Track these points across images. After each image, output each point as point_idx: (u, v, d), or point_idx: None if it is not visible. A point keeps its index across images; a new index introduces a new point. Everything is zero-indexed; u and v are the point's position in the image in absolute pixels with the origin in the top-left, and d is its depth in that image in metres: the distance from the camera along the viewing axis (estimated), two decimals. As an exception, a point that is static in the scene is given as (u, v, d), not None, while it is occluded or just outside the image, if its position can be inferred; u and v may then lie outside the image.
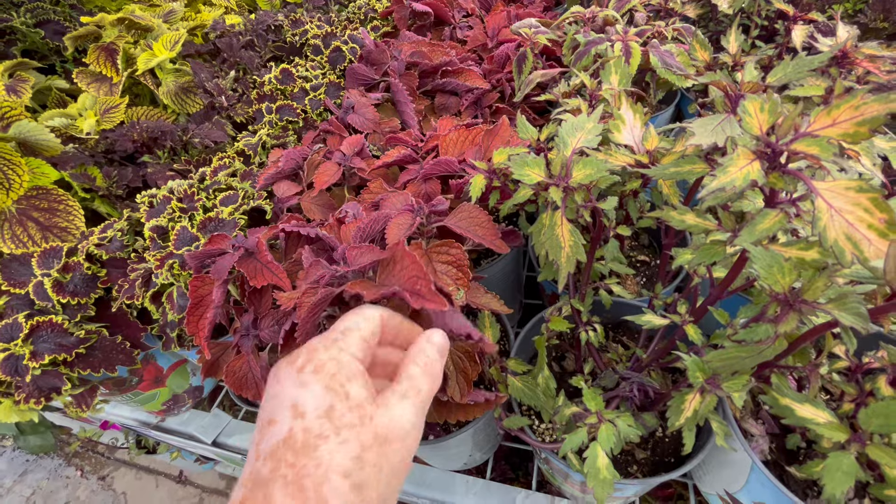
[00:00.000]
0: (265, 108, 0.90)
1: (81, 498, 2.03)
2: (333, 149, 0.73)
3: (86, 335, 0.63)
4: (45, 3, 0.99)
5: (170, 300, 0.62)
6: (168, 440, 0.93)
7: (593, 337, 0.49)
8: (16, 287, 0.62)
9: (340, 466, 0.23)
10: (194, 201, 0.66)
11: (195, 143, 0.84)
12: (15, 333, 0.59)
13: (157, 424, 0.89)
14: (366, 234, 0.45)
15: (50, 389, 0.62)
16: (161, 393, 0.83)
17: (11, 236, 0.64)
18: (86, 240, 0.67)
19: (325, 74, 0.98)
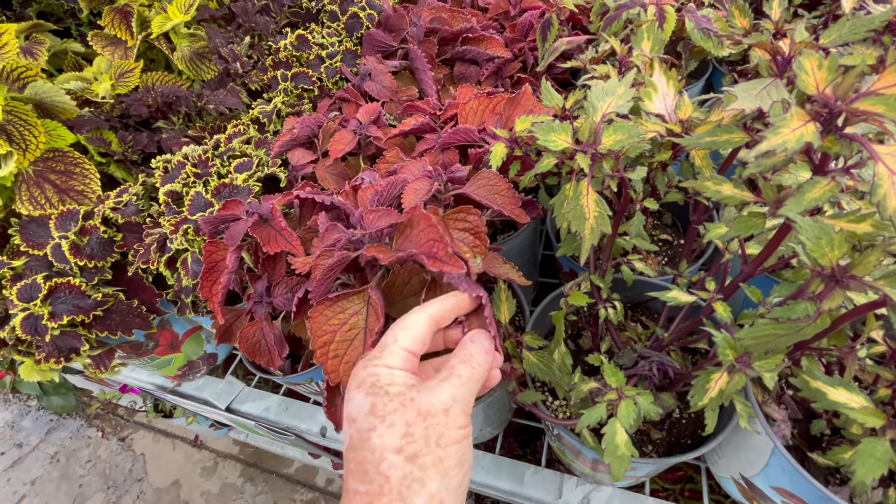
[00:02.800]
0: (280, 76, 0.89)
1: (103, 457, 2.12)
2: (349, 117, 0.71)
3: (103, 298, 0.64)
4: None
5: (184, 266, 0.62)
6: (184, 404, 0.95)
7: (612, 314, 0.47)
8: (34, 248, 0.63)
9: (392, 445, 0.27)
10: (209, 167, 0.65)
11: (210, 109, 0.82)
12: (34, 294, 0.60)
13: (173, 389, 0.91)
14: (383, 199, 0.44)
15: (69, 350, 0.63)
16: (177, 358, 0.85)
17: (29, 198, 0.64)
18: (102, 203, 0.67)
19: (342, 42, 0.95)
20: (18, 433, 2.30)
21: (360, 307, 0.41)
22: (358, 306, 0.41)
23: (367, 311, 0.41)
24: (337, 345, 0.39)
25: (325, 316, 0.40)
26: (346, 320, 0.40)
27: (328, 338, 0.39)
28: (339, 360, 0.38)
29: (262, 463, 1.91)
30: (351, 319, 0.40)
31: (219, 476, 1.92)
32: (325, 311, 0.40)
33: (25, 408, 2.41)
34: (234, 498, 1.84)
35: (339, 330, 0.39)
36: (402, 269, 0.44)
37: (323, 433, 0.78)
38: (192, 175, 0.62)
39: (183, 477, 1.95)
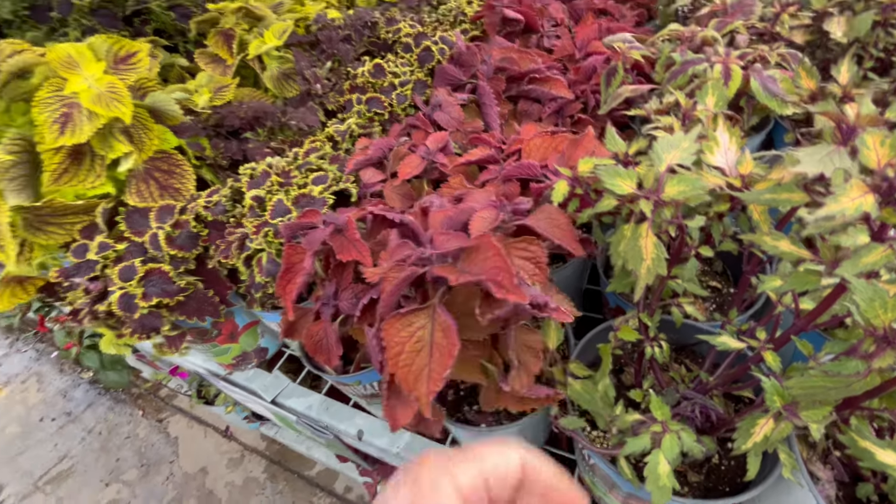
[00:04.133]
0: (355, 99, 0.97)
1: (140, 435, 2.24)
2: (418, 143, 0.77)
3: (185, 285, 0.71)
4: (176, -11, 1.11)
5: (259, 264, 0.69)
6: (231, 391, 1.01)
7: (658, 353, 0.49)
8: (135, 235, 0.71)
9: None
10: (290, 178, 0.72)
11: (291, 125, 0.91)
12: (131, 275, 0.68)
13: (224, 376, 0.98)
14: (452, 223, 0.48)
15: (151, 328, 0.71)
16: (234, 348, 0.91)
17: (137, 191, 0.73)
18: (194, 202, 0.75)
19: (413, 72, 1.03)
20: (69, 402, 2.47)
21: (425, 321, 0.45)
22: (424, 321, 0.45)
23: (433, 326, 0.44)
24: (406, 355, 0.43)
25: (395, 328, 0.44)
26: (413, 333, 0.44)
27: (399, 349, 0.43)
28: (407, 369, 0.42)
29: (286, 462, 1.97)
30: (418, 333, 0.44)
31: (244, 469, 1.99)
32: (396, 323, 0.44)
33: (78, 379, 2.59)
34: (256, 493, 1.89)
35: (407, 342, 0.43)
36: (462, 287, 0.48)
37: (360, 436, 0.82)
38: (277, 184, 0.69)
39: (210, 465, 2.03)
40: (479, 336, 0.47)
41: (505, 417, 0.59)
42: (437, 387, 0.42)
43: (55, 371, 2.66)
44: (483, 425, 0.57)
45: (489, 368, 0.50)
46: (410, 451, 0.77)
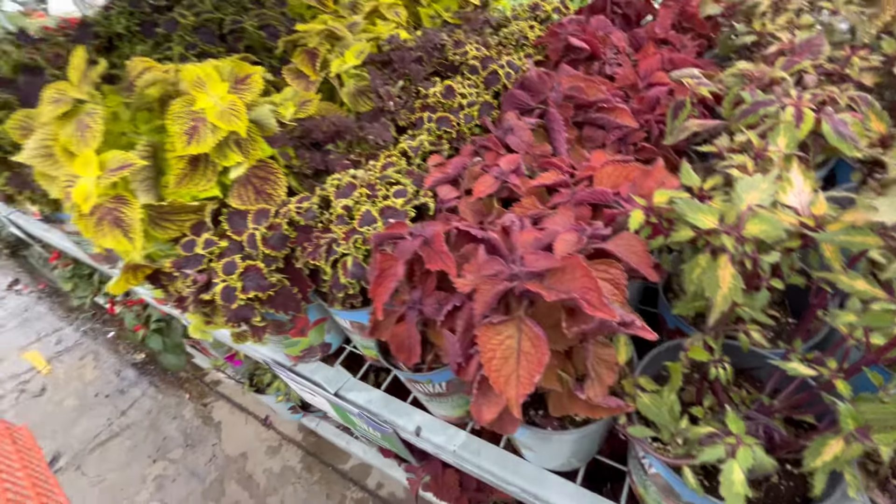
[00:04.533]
0: (426, 117, 1.04)
1: (186, 417, 2.37)
2: (490, 163, 0.83)
3: (275, 282, 0.79)
4: (266, 10, 1.22)
5: (344, 267, 0.76)
6: (293, 381, 1.09)
7: (723, 374, 0.53)
8: (236, 235, 0.80)
9: None
10: (375, 190, 0.79)
11: (368, 139, 0.99)
12: (233, 270, 0.76)
13: (290, 367, 1.06)
14: (538, 244, 0.54)
15: (243, 318, 0.79)
16: (302, 342, 0.99)
17: (238, 195, 0.81)
18: (285, 206, 0.83)
19: (479, 94, 1.09)
20: (122, 381, 2.64)
21: (513, 332, 0.50)
22: (512, 331, 0.50)
23: (520, 336, 0.50)
24: (497, 361, 0.48)
25: (487, 336, 0.50)
26: (502, 341, 0.50)
27: (491, 354, 0.48)
28: (498, 373, 0.48)
29: (321, 454, 2.05)
30: (506, 341, 0.50)
31: (281, 457, 2.08)
32: (488, 331, 0.50)
33: (131, 359, 2.76)
34: (292, 481, 1.98)
35: (497, 348, 0.49)
36: (544, 302, 0.53)
37: (418, 432, 0.87)
38: (365, 195, 0.77)
39: (250, 451, 2.14)
40: (560, 347, 0.52)
41: (569, 423, 0.63)
42: (527, 390, 0.47)
43: (110, 351, 2.85)
44: (549, 428, 0.62)
45: (563, 377, 0.55)
46: (466, 450, 0.83)
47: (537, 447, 0.68)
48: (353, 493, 1.88)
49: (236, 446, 2.17)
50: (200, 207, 0.79)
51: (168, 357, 1.73)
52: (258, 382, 1.62)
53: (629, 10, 1.30)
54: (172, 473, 2.12)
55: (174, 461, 2.17)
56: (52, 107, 0.72)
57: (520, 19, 1.48)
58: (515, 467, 0.78)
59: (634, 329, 0.45)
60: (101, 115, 0.70)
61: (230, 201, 0.81)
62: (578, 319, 0.48)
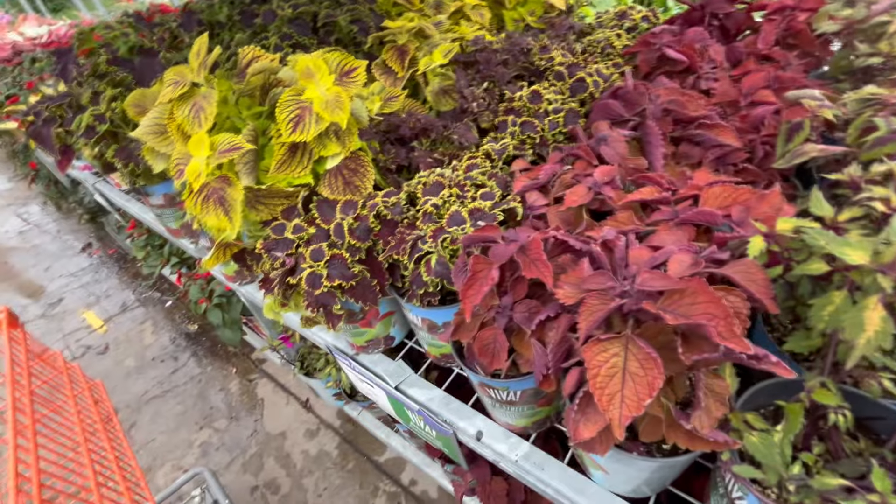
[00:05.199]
0: (510, 121, 1.03)
1: (232, 391, 2.47)
2: (582, 172, 0.81)
3: (357, 272, 0.81)
4: (357, 5, 1.25)
5: (427, 265, 0.76)
6: (352, 369, 1.11)
7: (842, 422, 0.49)
8: (324, 223, 0.82)
9: None
10: (465, 191, 0.79)
11: (453, 139, 0.99)
12: (320, 257, 0.78)
13: (352, 356, 1.08)
14: (652, 262, 0.52)
15: (323, 305, 0.81)
16: (369, 332, 1.01)
17: (329, 184, 0.84)
18: (372, 200, 0.85)
19: (565, 101, 1.07)
20: (177, 348, 2.79)
21: (619, 349, 0.49)
22: (618, 349, 0.49)
23: (626, 355, 0.48)
24: (601, 378, 0.47)
25: (592, 352, 0.48)
26: (608, 359, 0.48)
27: (595, 371, 0.47)
28: (602, 390, 0.46)
29: (358, 443, 2.08)
30: (612, 359, 0.48)
31: (318, 441, 2.13)
32: (594, 347, 0.48)
33: (185, 329, 2.91)
34: (328, 466, 2.02)
35: (602, 366, 0.48)
36: (653, 324, 0.51)
37: (478, 437, 0.87)
38: (455, 195, 0.77)
39: (290, 431, 2.20)
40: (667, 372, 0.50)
41: (656, 450, 0.61)
42: (633, 412, 0.46)
43: (167, 319, 3.02)
44: (635, 453, 0.60)
45: (664, 403, 0.52)
46: (528, 461, 0.81)
47: (614, 469, 0.66)
48: (387, 486, 1.90)
49: (277, 424, 2.24)
50: (294, 193, 0.82)
51: (225, 331, 1.81)
52: (308, 366, 1.67)
53: (728, 22, 1.24)
54: (216, 442, 2.22)
55: (218, 430, 2.27)
56: (171, 88, 0.77)
57: (605, 27, 1.45)
58: (581, 486, 0.76)
59: (767, 364, 0.43)
60: (214, 99, 0.73)
61: (321, 190, 0.83)
62: (700, 347, 0.45)
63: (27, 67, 2.97)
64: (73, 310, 3.24)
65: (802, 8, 1.17)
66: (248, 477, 2.04)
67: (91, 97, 1.00)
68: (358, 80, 0.79)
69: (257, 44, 1.18)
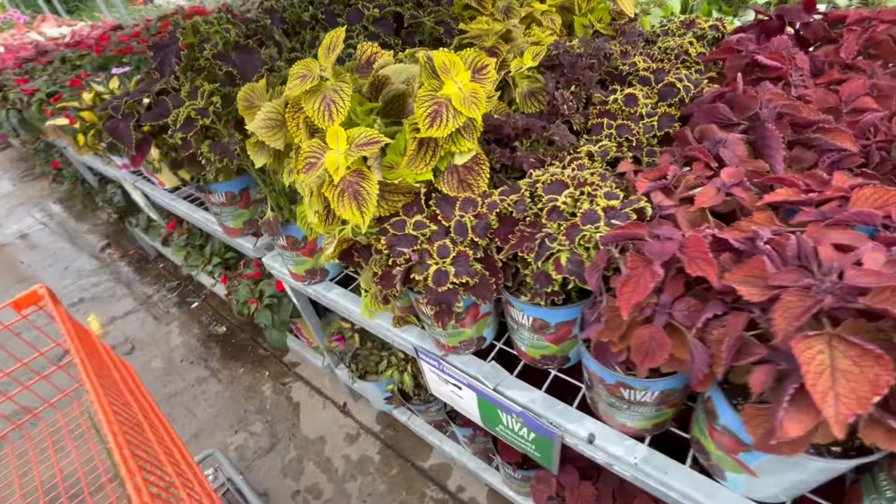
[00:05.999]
0: (605, 124, 1.03)
1: (265, 394, 2.44)
2: (702, 174, 0.81)
3: (479, 270, 0.80)
4: (440, 7, 1.25)
5: (557, 263, 0.76)
6: (439, 372, 1.10)
7: None
8: (444, 220, 0.82)
9: None
10: (594, 189, 0.79)
11: (555, 140, 0.99)
12: (446, 253, 0.78)
13: (440, 356, 1.06)
14: (853, 260, 0.51)
15: (444, 303, 0.80)
16: (465, 333, 1.00)
17: (446, 181, 0.83)
18: (488, 198, 0.84)
19: (657, 105, 1.08)
20: (206, 350, 2.75)
21: (823, 346, 0.48)
22: (821, 346, 0.48)
23: (832, 352, 0.48)
24: (812, 375, 0.46)
25: (799, 349, 0.48)
26: (813, 356, 0.48)
27: (806, 368, 0.47)
28: (814, 387, 0.46)
29: (400, 448, 2.05)
30: (818, 356, 0.48)
31: (359, 446, 2.10)
32: (800, 344, 0.48)
33: (214, 331, 2.88)
34: (371, 471, 1.99)
35: (811, 363, 0.47)
36: (853, 321, 0.51)
37: (590, 439, 0.86)
38: (586, 194, 0.77)
39: (329, 435, 2.17)
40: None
41: (826, 451, 0.60)
42: (851, 410, 0.45)
43: (193, 321, 2.98)
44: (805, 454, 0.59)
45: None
46: (649, 464, 0.80)
47: (769, 471, 0.65)
48: (434, 493, 1.88)
49: (314, 429, 2.21)
50: (414, 189, 0.81)
51: (273, 333, 1.79)
52: (363, 369, 1.65)
53: (807, 31, 1.25)
54: (253, 446, 2.19)
55: (254, 434, 2.24)
56: (298, 81, 0.76)
57: (671, 35, 1.46)
58: (712, 491, 0.75)
59: None
60: (348, 93, 0.73)
61: (441, 186, 0.83)
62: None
63: (58, 66, 2.96)
64: (94, 310, 3.20)
65: (882, 20, 1.19)
66: (289, 482, 2.01)
67: (189, 92, 0.99)
68: (489, 76, 0.79)
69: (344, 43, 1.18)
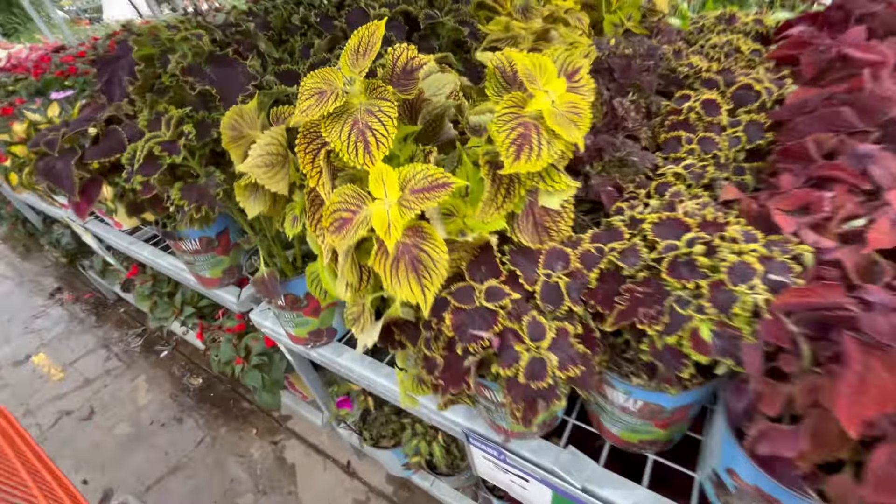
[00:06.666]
0: (685, 138, 0.84)
1: (255, 456, 2.12)
2: (848, 200, 0.62)
3: (581, 352, 0.58)
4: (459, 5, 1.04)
5: (696, 338, 0.55)
6: (498, 461, 0.86)
7: None
8: (527, 282, 0.59)
9: None
10: (723, 229, 0.58)
11: (630, 161, 0.79)
12: (541, 334, 0.55)
13: (500, 443, 0.83)
14: None
15: (540, 397, 0.57)
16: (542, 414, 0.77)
17: (521, 227, 0.61)
18: (577, 246, 0.62)
19: (734, 112, 0.89)
20: (180, 408, 2.41)
21: None
22: None
23: None
24: None
25: None
26: None
27: None
28: None
29: (419, 513, 1.79)
30: None
31: (371, 513, 1.83)
32: None
33: (188, 384, 2.54)
34: (388, 544, 1.72)
35: None
36: None
37: (732, 560, 0.64)
38: (725, 239, 0.56)
39: (333, 501, 1.88)
40: None
41: None
42: None
43: (164, 373, 2.63)
44: None
45: None
46: None
47: None
48: (464, 566, 1.62)
49: (317, 495, 1.92)
50: (483, 242, 0.58)
51: (264, 395, 1.51)
52: (377, 435, 1.39)
53: (875, 23, 1.10)
54: (244, 524, 1.87)
55: (245, 509, 1.92)
56: (312, 101, 0.53)
57: (706, 32, 1.30)
58: None
59: None
60: (392, 114, 0.50)
61: (516, 235, 0.60)
62: None
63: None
64: (45, 367, 2.79)
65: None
66: (293, 567, 1.71)
67: (150, 119, 0.73)
68: (586, 83, 0.57)
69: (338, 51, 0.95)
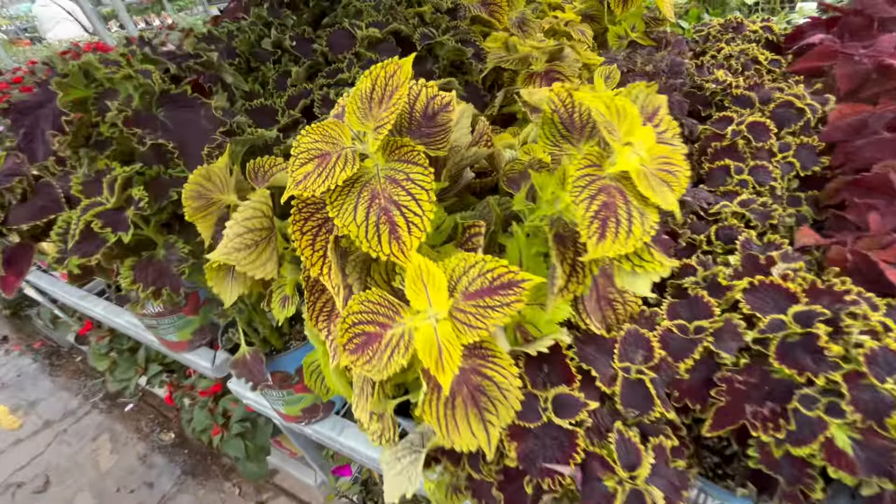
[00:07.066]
0: (734, 168, 0.73)
1: (240, 521, 1.91)
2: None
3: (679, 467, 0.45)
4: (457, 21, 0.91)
5: (830, 448, 0.42)
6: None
7: None
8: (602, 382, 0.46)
9: None
10: (839, 297, 0.47)
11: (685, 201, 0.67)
12: (636, 461, 0.41)
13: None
14: None
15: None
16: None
17: (587, 308, 0.47)
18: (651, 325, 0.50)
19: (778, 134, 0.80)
20: (150, 470, 2.17)
21: None
22: None
23: None
24: None
25: None
26: None
27: None
28: None
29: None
30: None
31: (376, 579, 1.64)
32: None
33: (157, 441, 2.29)
34: None
35: None
36: None
37: None
38: (855, 316, 0.44)
39: (333, 570, 1.69)
40: None
41: None
42: None
43: (130, 430, 2.37)
44: None
45: None
46: None
47: None
48: None
49: (314, 564, 1.72)
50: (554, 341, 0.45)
51: (248, 465, 1.32)
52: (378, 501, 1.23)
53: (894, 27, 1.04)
54: None
55: (232, 586, 1.71)
56: (311, 167, 0.38)
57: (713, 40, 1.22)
58: None
59: None
60: (429, 185, 0.36)
61: (582, 321, 0.47)
62: None
63: None
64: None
65: None
66: None
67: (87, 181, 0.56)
68: (668, 128, 0.44)
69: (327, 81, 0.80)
